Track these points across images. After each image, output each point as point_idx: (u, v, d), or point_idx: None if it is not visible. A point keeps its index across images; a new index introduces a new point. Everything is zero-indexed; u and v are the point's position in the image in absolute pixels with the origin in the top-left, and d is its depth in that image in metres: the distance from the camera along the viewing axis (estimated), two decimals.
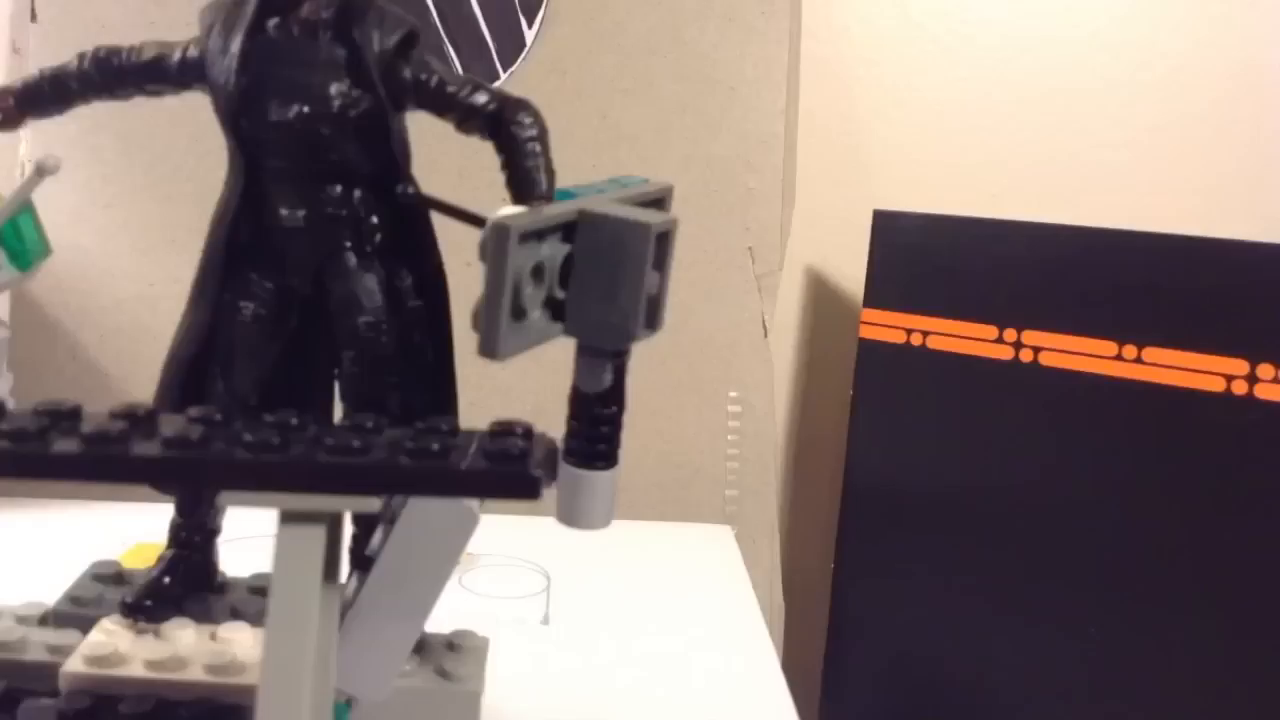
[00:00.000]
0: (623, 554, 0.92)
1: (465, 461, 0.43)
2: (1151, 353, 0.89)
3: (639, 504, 1.04)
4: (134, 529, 0.82)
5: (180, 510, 0.61)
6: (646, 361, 1.06)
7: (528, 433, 0.47)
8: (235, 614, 0.62)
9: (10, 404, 0.48)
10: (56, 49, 1.03)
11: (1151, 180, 1.08)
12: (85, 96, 0.57)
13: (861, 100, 1.10)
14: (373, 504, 0.43)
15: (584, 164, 1.04)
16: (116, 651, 0.57)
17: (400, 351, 0.58)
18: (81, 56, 0.56)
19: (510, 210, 0.47)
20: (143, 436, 0.43)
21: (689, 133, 1.04)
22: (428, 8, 1.03)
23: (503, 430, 0.47)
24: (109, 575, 0.65)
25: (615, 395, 0.51)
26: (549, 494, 1.09)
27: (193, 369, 0.58)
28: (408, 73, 0.55)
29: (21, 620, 0.61)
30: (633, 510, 1.03)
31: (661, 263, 0.50)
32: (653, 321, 0.50)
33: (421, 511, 0.50)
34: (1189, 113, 1.08)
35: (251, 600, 0.64)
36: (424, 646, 0.63)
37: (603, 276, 0.47)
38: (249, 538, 0.62)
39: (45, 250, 0.56)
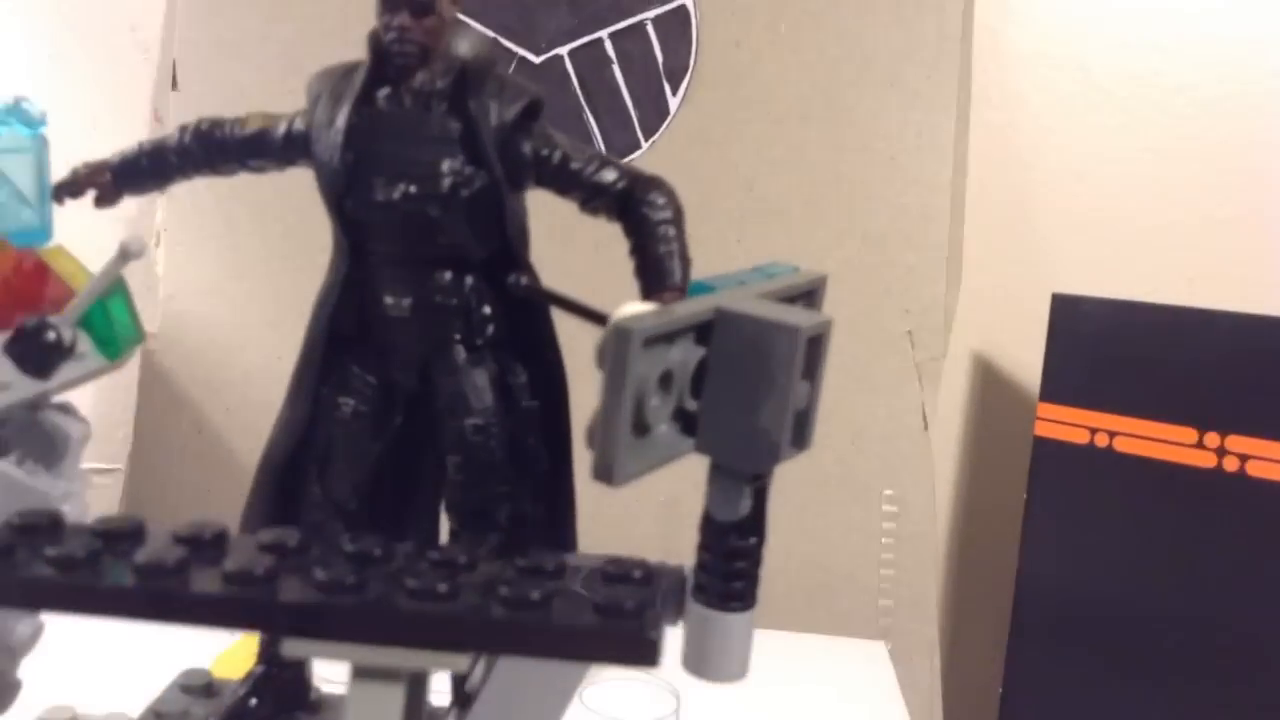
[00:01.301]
0: (762, 670, 0.83)
1: (567, 617, 0.36)
2: None
3: (781, 612, 0.95)
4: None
5: None
6: None
7: (647, 576, 0.40)
8: None
9: (76, 515, 0.43)
10: (198, 116, 1.03)
11: None
12: (185, 171, 0.52)
13: (1038, 171, 1.01)
14: (459, 663, 0.36)
15: (728, 238, 0.97)
16: None
17: (511, 457, 0.51)
18: (183, 130, 0.52)
19: (636, 308, 0.40)
20: (206, 565, 0.37)
21: (844, 205, 0.97)
22: (568, 75, 0.98)
23: (617, 573, 0.39)
24: (198, 687, 0.60)
25: (755, 525, 0.43)
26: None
27: (288, 470, 0.53)
28: (528, 147, 0.49)
29: None
30: (774, 619, 0.94)
31: (813, 371, 0.42)
32: (801, 440, 0.42)
33: None
34: None
35: None
36: None
37: (743, 387, 0.39)
38: None
39: (138, 336, 0.51)
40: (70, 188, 0.52)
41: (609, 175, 0.49)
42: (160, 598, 0.36)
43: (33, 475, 0.46)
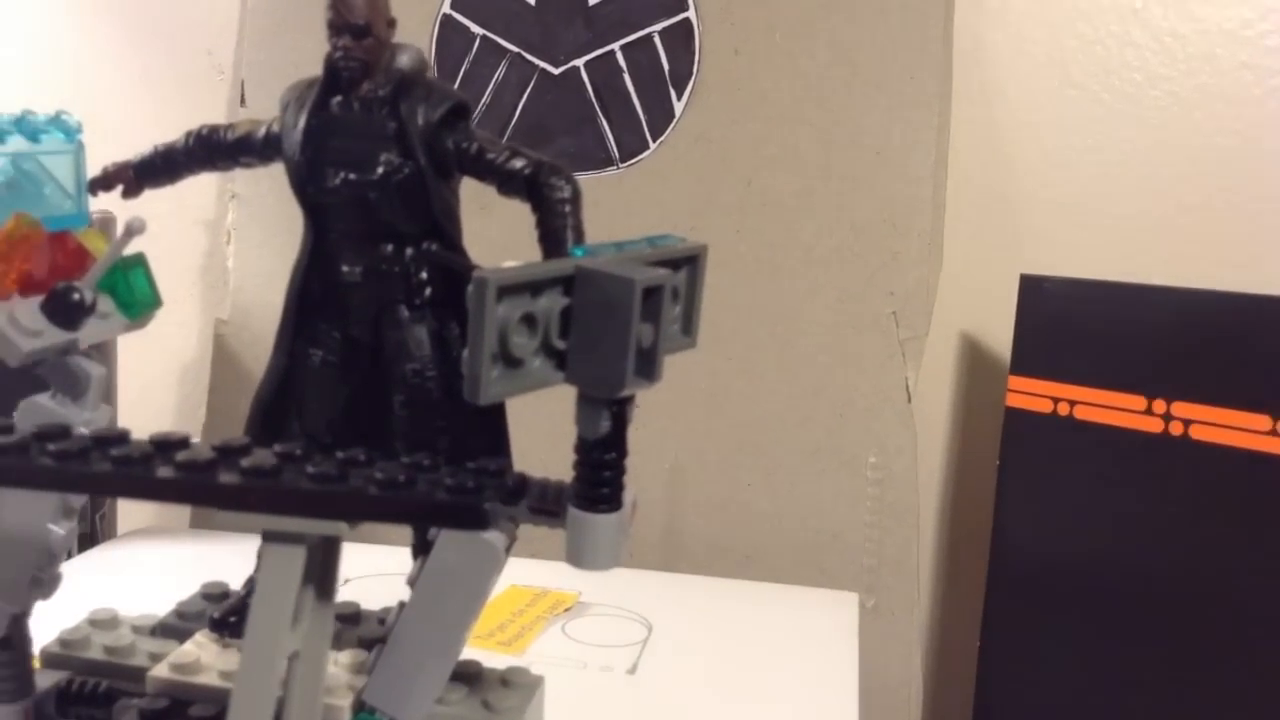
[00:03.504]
0: (734, 613, 0.92)
1: (424, 493, 0.47)
2: None
3: (773, 567, 1.04)
4: None
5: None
6: (785, 423, 1.08)
7: (499, 472, 0.50)
8: None
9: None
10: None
11: None
12: (191, 168, 0.65)
13: (1015, 162, 1.07)
14: (340, 528, 0.47)
15: (728, 229, 1.07)
16: (198, 661, 0.64)
17: (448, 397, 0.62)
18: (188, 134, 0.64)
19: (506, 265, 0.50)
20: (163, 461, 0.49)
21: (833, 197, 1.05)
22: (584, 84, 1.09)
23: (477, 469, 0.50)
24: (216, 594, 0.72)
25: (615, 442, 0.52)
26: (655, 546, 1.10)
27: (272, 409, 0.65)
28: (450, 142, 0.59)
29: (136, 630, 0.69)
30: (767, 572, 1.04)
31: (655, 316, 0.51)
32: (647, 372, 0.51)
33: (448, 546, 0.53)
34: None
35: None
36: (477, 679, 0.66)
37: (595, 328, 0.49)
38: (381, 575, 0.68)
39: (154, 302, 0.64)
40: (102, 182, 0.65)
41: (518, 163, 0.59)
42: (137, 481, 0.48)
43: (63, 406, 0.59)
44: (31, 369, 0.58)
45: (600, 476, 0.53)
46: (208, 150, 0.64)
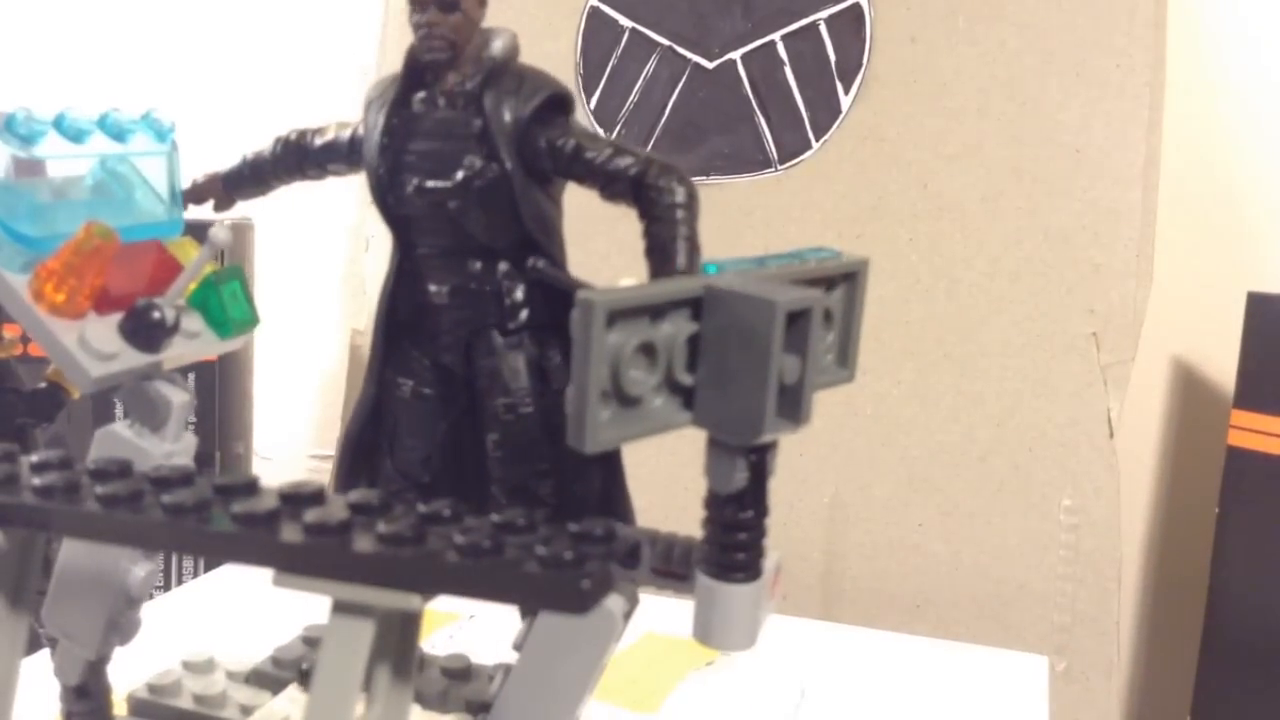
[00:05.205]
0: (900, 674, 0.82)
1: (512, 565, 0.38)
2: None
3: (947, 621, 0.93)
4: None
5: None
6: (963, 456, 0.96)
7: (607, 536, 0.41)
8: (415, 695, 0.61)
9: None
10: None
11: None
12: (280, 177, 0.58)
13: (1241, 163, 0.93)
14: (411, 601, 0.39)
15: (900, 237, 0.96)
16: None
17: (550, 436, 0.54)
18: (276, 140, 0.58)
19: (626, 283, 0.42)
20: (221, 510, 0.43)
21: (1024, 201, 0.93)
22: (740, 79, 1.00)
23: (580, 532, 0.41)
24: (316, 640, 0.66)
25: (753, 498, 0.44)
26: (811, 590, 0.99)
27: (362, 445, 0.58)
28: (543, 140, 0.51)
29: (230, 675, 0.64)
30: (940, 627, 0.93)
31: (801, 345, 0.42)
32: (792, 413, 0.42)
33: None
34: None
35: (437, 681, 0.62)
36: None
37: (729, 360, 0.41)
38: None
39: (252, 320, 0.57)
40: (193, 195, 0.59)
41: (622, 162, 0.50)
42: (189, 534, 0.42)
43: (140, 437, 0.53)
44: (108, 394, 0.52)
45: (734, 539, 0.44)
46: (296, 157, 0.57)
